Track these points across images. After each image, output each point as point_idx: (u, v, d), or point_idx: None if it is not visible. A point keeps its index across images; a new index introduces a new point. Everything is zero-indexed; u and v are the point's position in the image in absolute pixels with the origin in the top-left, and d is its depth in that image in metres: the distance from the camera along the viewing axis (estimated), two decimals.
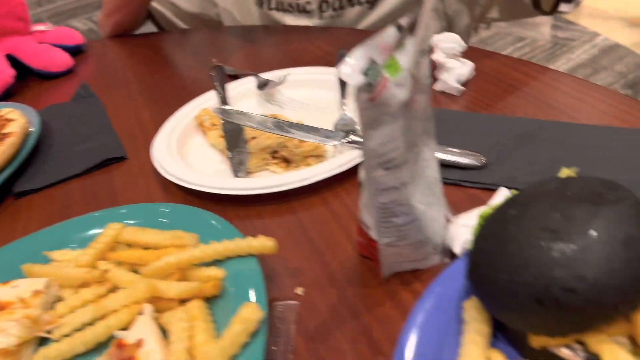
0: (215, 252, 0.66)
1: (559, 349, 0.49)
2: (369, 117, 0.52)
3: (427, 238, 0.64)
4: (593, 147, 0.81)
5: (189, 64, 1.43)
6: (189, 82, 1.31)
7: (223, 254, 0.66)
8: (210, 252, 0.66)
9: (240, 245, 0.66)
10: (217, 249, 0.66)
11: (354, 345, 0.60)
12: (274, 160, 0.91)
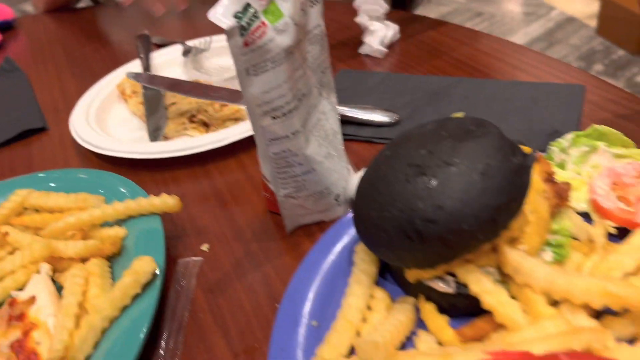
0: (116, 211, 0.66)
1: (432, 281, 0.50)
2: (248, 62, 0.52)
3: (327, 189, 0.65)
4: (500, 99, 0.83)
5: (120, 36, 1.40)
6: (118, 54, 1.28)
7: (125, 213, 0.66)
8: (110, 211, 0.66)
9: (142, 204, 0.66)
10: (117, 209, 0.66)
11: (252, 294, 0.61)
12: (193, 124, 0.90)
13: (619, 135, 0.62)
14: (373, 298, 0.53)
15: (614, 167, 0.59)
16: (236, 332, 0.57)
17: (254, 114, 0.56)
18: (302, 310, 0.53)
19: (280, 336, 0.51)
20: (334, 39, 1.16)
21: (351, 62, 1.05)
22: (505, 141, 0.48)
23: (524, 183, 0.47)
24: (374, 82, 0.95)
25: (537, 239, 0.49)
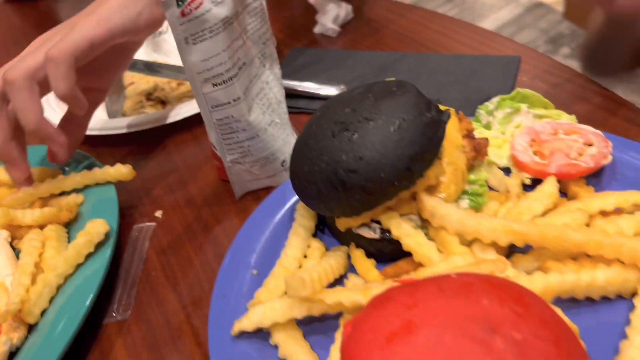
0: (72, 181, 0.69)
1: (359, 229, 0.55)
2: (186, 32, 0.56)
3: (273, 155, 0.69)
4: (442, 72, 0.88)
5: None
6: None
7: (81, 182, 0.69)
8: (67, 181, 0.69)
9: (97, 174, 0.70)
10: (73, 179, 0.69)
11: (201, 253, 0.65)
12: (150, 102, 0.93)
13: (539, 97, 0.67)
14: (309, 248, 0.57)
15: (533, 126, 0.64)
16: (185, 286, 0.61)
17: (195, 82, 0.60)
18: (244, 261, 0.58)
19: (222, 284, 0.55)
20: (290, 19, 1.20)
21: (306, 41, 1.09)
22: (421, 99, 0.53)
23: (438, 136, 0.52)
24: (325, 58, 0.99)
25: (453, 187, 0.54)
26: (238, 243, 0.59)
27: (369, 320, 0.37)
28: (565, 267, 0.49)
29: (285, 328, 0.49)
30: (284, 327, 0.49)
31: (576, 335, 0.37)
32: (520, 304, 0.35)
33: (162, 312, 0.58)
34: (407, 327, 0.34)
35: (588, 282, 0.47)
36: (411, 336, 0.33)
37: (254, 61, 0.65)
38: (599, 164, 0.58)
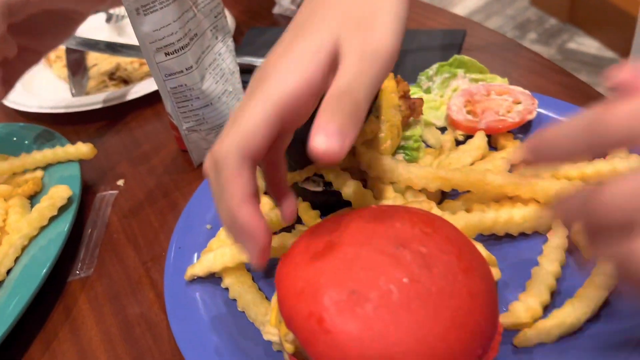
0: (35, 159, 0.72)
1: (304, 183, 0.59)
2: (137, 3, 0.59)
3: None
4: None
5: None
6: None
7: (43, 160, 0.72)
8: (30, 160, 0.72)
9: (59, 152, 0.72)
10: (35, 157, 0.72)
11: (161, 216, 0.69)
12: (113, 82, 0.96)
13: (475, 63, 0.72)
14: (261, 203, 0.61)
15: (469, 88, 0.69)
16: (145, 244, 0.65)
17: (148, 51, 0.63)
18: (200, 217, 0.61)
19: (179, 237, 0.59)
20: (249, 1, 1.24)
21: (264, 22, 1.13)
22: None
23: None
24: None
25: (390, 142, 0.59)
26: (194, 201, 0.63)
27: (298, 247, 0.41)
28: (487, 208, 0.54)
29: (235, 272, 0.54)
30: (234, 271, 0.53)
31: (481, 254, 0.41)
32: (430, 226, 0.40)
33: (123, 268, 0.62)
34: (328, 247, 0.39)
35: (506, 219, 0.52)
36: (332, 253, 0.38)
37: (205, 33, 0.69)
38: (524, 119, 0.63)
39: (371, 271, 0.36)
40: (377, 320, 0.35)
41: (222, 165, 0.38)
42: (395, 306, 0.35)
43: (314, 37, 0.39)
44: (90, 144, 0.73)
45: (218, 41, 0.72)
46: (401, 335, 0.34)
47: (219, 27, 0.72)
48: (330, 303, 0.36)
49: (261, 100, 0.38)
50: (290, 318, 0.38)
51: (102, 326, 0.56)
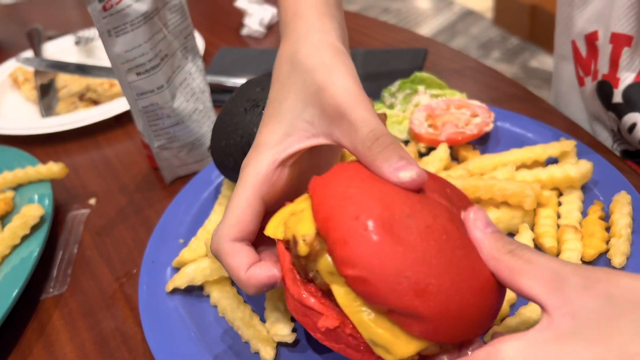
0: (5, 180, 0.72)
1: None
2: (109, 25, 0.61)
3: (198, 140, 0.75)
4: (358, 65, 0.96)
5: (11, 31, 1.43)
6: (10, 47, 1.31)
7: (14, 181, 0.72)
8: (1, 180, 0.72)
9: (30, 172, 0.73)
10: (6, 177, 0.72)
11: (134, 233, 0.70)
12: (83, 102, 0.97)
13: (435, 79, 0.76)
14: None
15: (430, 103, 0.73)
16: (118, 261, 0.65)
17: (120, 71, 0.65)
18: (172, 231, 0.63)
19: (152, 251, 0.60)
20: (218, 22, 1.27)
21: (234, 43, 1.16)
22: None
23: None
24: (251, 57, 1.06)
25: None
26: (167, 216, 0.65)
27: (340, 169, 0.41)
28: None
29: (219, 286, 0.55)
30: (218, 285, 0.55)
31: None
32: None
33: (96, 284, 0.63)
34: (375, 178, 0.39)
35: None
36: (382, 181, 0.38)
37: (176, 53, 0.71)
38: (482, 131, 0.66)
39: (425, 207, 0.37)
40: (423, 248, 0.34)
41: (218, 255, 0.43)
42: (442, 246, 0.35)
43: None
44: (61, 164, 0.73)
45: (188, 61, 0.74)
46: (441, 273, 0.34)
47: (189, 48, 0.74)
48: (384, 215, 0.35)
49: (240, 187, 0.44)
50: (330, 217, 0.36)
51: (76, 341, 0.57)
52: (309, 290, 0.38)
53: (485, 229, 0.37)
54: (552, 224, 0.55)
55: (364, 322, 0.36)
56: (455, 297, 0.34)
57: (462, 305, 0.34)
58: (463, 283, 0.34)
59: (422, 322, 0.34)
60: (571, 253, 0.51)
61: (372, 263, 0.34)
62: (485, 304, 0.35)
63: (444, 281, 0.34)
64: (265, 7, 1.19)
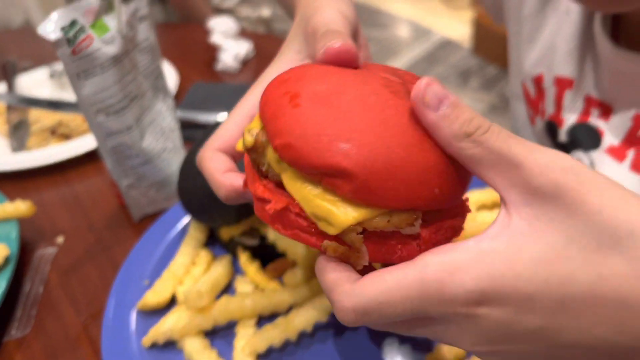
0: None
1: (241, 237, 0.62)
2: (78, 68, 0.62)
3: (167, 179, 0.76)
4: None
5: None
6: None
7: None
8: None
9: None
10: None
11: (101, 272, 0.69)
12: (54, 137, 0.97)
13: None
14: (198, 256, 0.64)
15: None
16: (84, 301, 0.65)
17: (89, 112, 0.65)
18: (138, 272, 0.63)
19: (116, 294, 0.60)
20: (193, 57, 1.28)
21: (208, 77, 1.17)
22: None
23: None
24: (225, 92, 1.08)
25: None
26: (133, 256, 0.65)
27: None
28: None
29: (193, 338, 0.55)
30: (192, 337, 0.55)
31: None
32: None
33: (61, 326, 0.62)
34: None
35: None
36: (317, 70, 0.38)
37: (146, 94, 0.72)
38: None
39: (363, 82, 0.35)
40: (348, 110, 0.33)
41: (200, 162, 0.45)
42: (370, 105, 0.33)
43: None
44: (29, 202, 0.73)
45: (158, 100, 0.76)
46: (364, 128, 0.32)
47: (159, 87, 0.75)
48: (311, 89, 0.35)
49: (236, 109, 0.47)
50: (266, 101, 0.36)
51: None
52: (265, 185, 0.37)
53: (438, 108, 0.31)
54: None
55: (306, 197, 0.33)
56: (381, 150, 0.31)
57: (392, 159, 0.31)
58: (392, 138, 0.32)
59: (350, 179, 0.31)
60: None
61: (293, 128, 0.33)
62: (424, 163, 0.32)
63: (368, 135, 0.32)
64: (240, 42, 1.21)
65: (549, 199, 0.29)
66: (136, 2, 0.69)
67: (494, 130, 0.31)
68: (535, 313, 0.28)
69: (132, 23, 0.68)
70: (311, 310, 0.52)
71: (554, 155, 0.29)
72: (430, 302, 0.29)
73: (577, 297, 0.27)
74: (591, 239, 0.28)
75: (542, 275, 0.28)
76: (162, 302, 0.58)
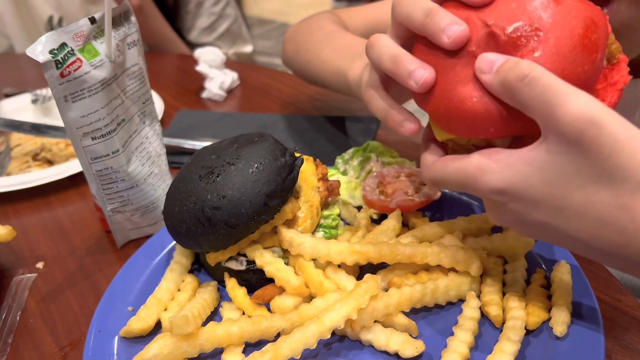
0: None
1: (227, 262, 0.61)
2: (65, 91, 0.62)
3: (153, 204, 0.75)
4: (313, 130, 0.99)
5: None
6: None
7: None
8: None
9: None
10: None
11: (82, 299, 0.68)
12: (36, 162, 0.96)
13: (386, 148, 0.79)
14: (183, 282, 0.62)
15: (381, 170, 0.75)
16: (63, 329, 0.63)
17: (75, 136, 0.65)
18: (121, 298, 0.62)
19: (98, 320, 0.59)
20: (179, 85, 1.29)
21: (194, 105, 1.17)
22: (277, 146, 0.62)
23: (291, 177, 0.60)
24: (210, 120, 1.08)
25: (309, 221, 0.63)
26: (116, 282, 0.63)
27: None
28: (408, 280, 0.58)
29: None
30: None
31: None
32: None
33: (38, 354, 0.60)
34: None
35: (433, 289, 0.56)
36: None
37: (133, 118, 0.72)
38: (430, 199, 0.69)
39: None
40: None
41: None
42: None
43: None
44: (9, 227, 0.71)
45: (146, 125, 0.75)
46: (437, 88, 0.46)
47: (146, 112, 0.75)
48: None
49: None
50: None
51: None
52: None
53: (488, 72, 0.42)
54: (498, 292, 0.57)
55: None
56: (444, 103, 0.46)
57: (450, 109, 0.45)
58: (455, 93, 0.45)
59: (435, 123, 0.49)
60: (515, 321, 0.52)
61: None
62: (472, 112, 0.44)
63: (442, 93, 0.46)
64: (226, 72, 1.22)
65: (573, 144, 0.39)
66: (126, 27, 0.70)
67: (538, 75, 0.40)
68: (540, 211, 0.42)
69: (122, 48, 0.69)
70: (300, 336, 0.51)
71: (584, 105, 0.38)
72: (469, 188, 0.45)
73: (570, 209, 0.41)
74: (593, 174, 0.39)
75: (548, 189, 0.41)
76: (146, 328, 0.56)
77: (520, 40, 0.43)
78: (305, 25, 0.96)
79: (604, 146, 0.38)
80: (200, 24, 1.61)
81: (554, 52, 0.42)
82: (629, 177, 0.38)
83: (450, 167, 0.46)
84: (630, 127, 0.38)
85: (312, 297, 0.58)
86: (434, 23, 0.45)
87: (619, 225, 0.39)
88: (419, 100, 0.49)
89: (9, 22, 1.64)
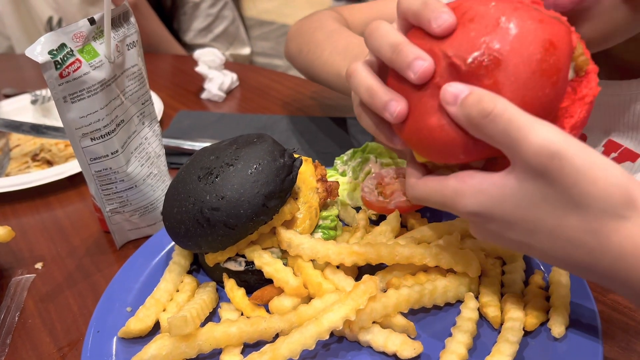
0: None
1: (226, 263, 0.61)
2: (65, 91, 0.62)
3: (152, 204, 0.75)
4: (311, 131, 0.99)
5: None
6: None
7: None
8: None
9: None
10: None
11: (80, 299, 0.68)
12: (36, 163, 0.96)
13: (384, 148, 0.79)
14: (182, 283, 0.63)
15: (380, 171, 0.75)
16: (62, 329, 0.63)
17: (74, 137, 0.65)
18: (120, 299, 0.62)
19: (97, 321, 0.59)
20: (178, 86, 1.29)
21: (193, 106, 1.18)
22: (276, 147, 0.62)
23: (290, 178, 0.60)
24: (210, 120, 1.08)
25: (308, 222, 0.63)
26: (115, 282, 0.63)
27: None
28: (406, 281, 0.58)
29: None
30: None
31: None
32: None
33: (37, 355, 0.60)
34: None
35: (431, 290, 0.56)
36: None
37: (132, 119, 0.72)
38: None
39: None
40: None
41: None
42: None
43: None
44: (7, 227, 0.71)
45: (145, 126, 0.75)
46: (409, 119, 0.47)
47: (146, 113, 0.75)
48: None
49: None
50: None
51: None
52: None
53: (453, 104, 0.43)
54: (496, 292, 0.57)
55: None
56: (418, 134, 0.47)
57: (423, 139, 0.46)
58: (425, 124, 0.46)
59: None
60: (514, 323, 0.53)
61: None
62: (444, 141, 0.45)
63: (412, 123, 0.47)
64: (225, 72, 1.22)
65: (538, 175, 0.41)
66: (125, 28, 0.70)
67: (500, 111, 0.41)
68: (515, 232, 0.45)
69: (121, 49, 0.69)
70: (298, 337, 0.52)
71: (545, 139, 0.40)
72: (448, 208, 0.47)
73: (543, 231, 0.43)
74: (561, 201, 0.41)
75: (520, 213, 0.43)
76: (145, 329, 0.56)
77: (480, 70, 0.42)
78: (307, 24, 0.97)
79: (568, 176, 0.40)
80: (197, 25, 1.61)
81: (513, 81, 0.42)
82: (592, 204, 0.40)
83: (430, 189, 0.48)
84: (591, 154, 0.41)
85: (310, 297, 0.58)
86: (400, 59, 0.46)
87: (588, 248, 0.42)
88: (395, 128, 0.50)
89: (8, 23, 1.65)
